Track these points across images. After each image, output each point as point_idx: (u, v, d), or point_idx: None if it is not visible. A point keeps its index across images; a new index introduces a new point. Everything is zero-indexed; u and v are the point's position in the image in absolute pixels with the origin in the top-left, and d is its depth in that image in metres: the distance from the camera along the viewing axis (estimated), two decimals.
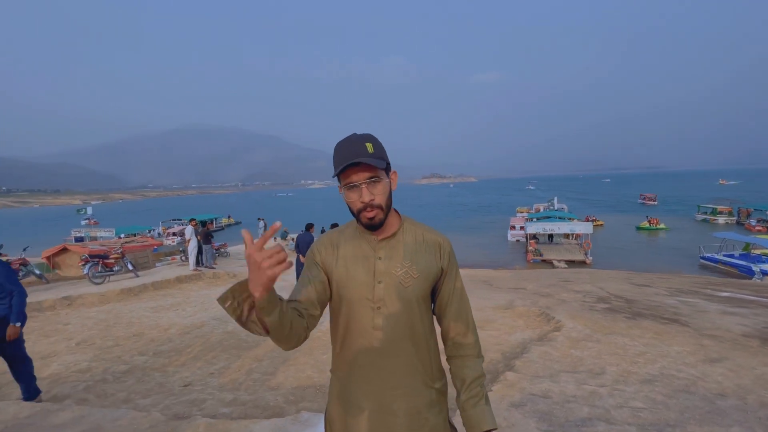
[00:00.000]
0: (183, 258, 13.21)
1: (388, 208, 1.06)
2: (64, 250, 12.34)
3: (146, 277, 9.67)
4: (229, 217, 51.96)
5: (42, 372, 4.13)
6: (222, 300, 0.85)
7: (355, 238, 1.12)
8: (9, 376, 3.96)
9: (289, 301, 1.00)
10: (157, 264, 13.09)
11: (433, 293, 1.15)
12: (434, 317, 1.19)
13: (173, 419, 2.76)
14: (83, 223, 48.93)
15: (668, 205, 55.10)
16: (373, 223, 1.04)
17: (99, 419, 2.71)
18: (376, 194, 1.03)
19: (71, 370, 4.18)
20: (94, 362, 4.41)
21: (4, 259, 7.96)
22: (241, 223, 50.24)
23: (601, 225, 37.10)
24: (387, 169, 1.07)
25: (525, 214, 39.47)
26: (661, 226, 33.71)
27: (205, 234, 11.26)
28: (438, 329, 1.18)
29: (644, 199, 61.08)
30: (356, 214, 1.06)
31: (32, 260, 10.05)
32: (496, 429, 1.07)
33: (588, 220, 32.37)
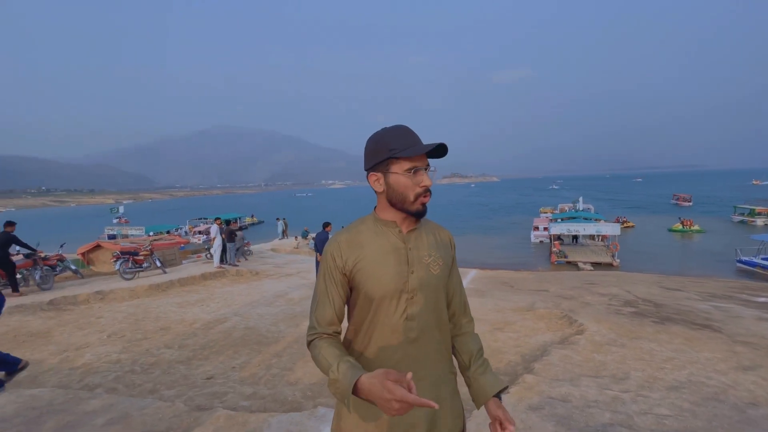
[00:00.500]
0: (208, 255, 13.59)
1: None
2: (98, 247, 12.87)
3: (173, 274, 10.01)
4: (252, 216, 53.14)
5: (75, 362, 4.34)
6: (345, 399, 0.90)
7: (380, 233, 1.09)
8: (45, 365, 4.19)
9: (331, 335, 1.06)
10: (183, 261, 13.51)
11: None
12: None
13: (195, 410, 2.86)
14: (115, 221, 51.05)
15: (703, 206, 52.65)
16: (425, 209, 1.08)
17: (127, 407, 2.84)
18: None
19: (102, 361, 4.38)
20: (124, 354, 4.60)
21: (42, 255, 8.38)
22: (263, 222, 51.29)
23: (632, 226, 35.86)
24: None
25: (549, 215, 38.58)
26: (696, 227, 32.22)
27: (230, 232, 11.56)
28: None
29: (678, 199, 58.55)
30: (411, 199, 1.05)
31: (68, 256, 10.56)
32: (507, 387, 1.14)
33: (618, 222, 31.29)
